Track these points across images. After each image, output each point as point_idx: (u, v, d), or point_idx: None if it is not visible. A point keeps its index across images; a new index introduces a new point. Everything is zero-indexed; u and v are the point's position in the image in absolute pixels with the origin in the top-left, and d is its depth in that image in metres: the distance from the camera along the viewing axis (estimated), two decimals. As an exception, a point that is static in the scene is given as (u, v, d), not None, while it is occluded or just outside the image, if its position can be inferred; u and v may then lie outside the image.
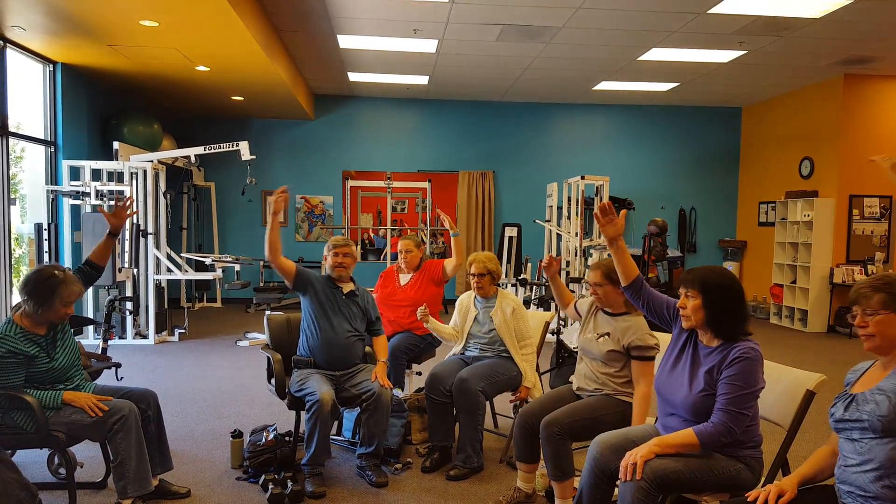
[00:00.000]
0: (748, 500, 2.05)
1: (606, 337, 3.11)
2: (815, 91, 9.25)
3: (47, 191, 7.19)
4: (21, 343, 2.88)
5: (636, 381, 3.03)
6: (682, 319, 2.48)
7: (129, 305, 7.15)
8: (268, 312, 4.01)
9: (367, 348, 3.96)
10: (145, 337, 7.40)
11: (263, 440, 3.68)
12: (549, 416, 2.96)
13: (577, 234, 8.03)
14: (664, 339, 3.26)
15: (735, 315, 2.37)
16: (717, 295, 2.37)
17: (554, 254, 3.39)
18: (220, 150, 7.43)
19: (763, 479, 2.40)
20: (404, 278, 4.61)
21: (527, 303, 7.63)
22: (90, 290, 7.28)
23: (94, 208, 7.12)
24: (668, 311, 2.64)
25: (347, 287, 3.83)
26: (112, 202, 7.05)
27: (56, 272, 2.93)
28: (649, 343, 3.02)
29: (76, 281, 2.99)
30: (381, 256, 10.49)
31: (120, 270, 6.94)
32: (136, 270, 7.27)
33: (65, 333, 3.10)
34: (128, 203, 3.39)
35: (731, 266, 10.70)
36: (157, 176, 7.70)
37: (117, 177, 7.60)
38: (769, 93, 9.89)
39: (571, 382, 3.30)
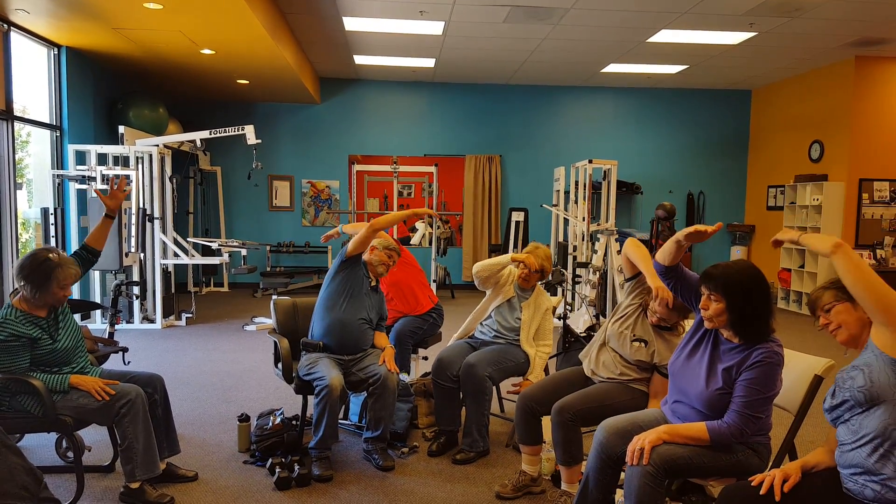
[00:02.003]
0: (752, 484, 2.05)
1: (642, 345, 3.02)
2: (826, 73, 9.14)
3: (53, 175, 7.19)
4: (23, 326, 2.88)
5: (655, 394, 3.00)
6: (704, 320, 2.41)
7: (135, 290, 7.17)
8: (274, 297, 4.00)
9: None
10: (152, 321, 7.43)
11: (270, 424, 3.69)
12: (561, 401, 2.94)
13: (584, 218, 7.99)
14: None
15: (759, 318, 2.30)
16: (741, 299, 2.29)
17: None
18: (225, 134, 7.41)
19: (770, 464, 2.39)
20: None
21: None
22: (97, 275, 7.32)
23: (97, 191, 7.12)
24: (696, 297, 2.54)
25: (374, 281, 3.89)
26: (105, 186, 7.03)
27: (51, 255, 2.90)
28: None
29: (72, 263, 2.97)
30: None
31: (126, 255, 6.96)
32: (142, 255, 7.29)
33: (66, 315, 3.09)
34: (124, 185, 3.36)
35: (738, 251, 10.65)
36: (162, 160, 7.69)
37: (123, 161, 7.60)
38: (779, 75, 9.78)
39: (580, 363, 3.26)
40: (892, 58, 8.61)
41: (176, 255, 7.60)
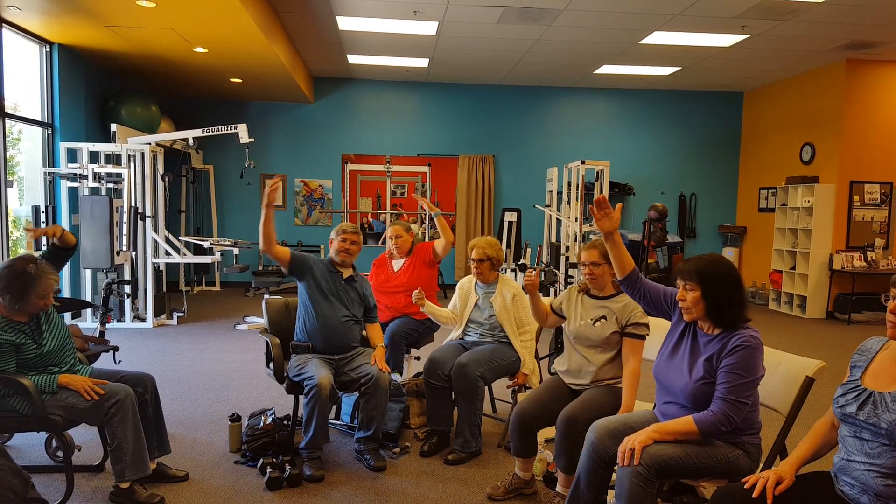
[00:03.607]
0: (745, 486, 2.04)
1: (604, 320, 3.06)
2: (817, 76, 9.18)
3: (44, 173, 7.14)
4: (4, 333, 2.85)
5: (626, 358, 3.00)
6: (682, 312, 2.45)
7: (127, 288, 7.14)
8: (266, 296, 3.99)
9: (365, 333, 3.95)
10: (144, 320, 7.40)
11: (262, 424, 3.68)
12: (569, 412, 2.87)
13: (577, 219, 8.01)
14: (655, 323, 3.26)
15: (734, 303, 2.35)
16: (715, 285, 2.35)
17: (534, 268, 3.33)
18: (218, 133, 7.38)
19: (761, 466, 2.40)
20: (397, 264, 4.60)
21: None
22: (88, 273, 7.28)
23: (92, 191, 7.10)
24: (665, 301, 2.62)
25: (347, 272, 3.82)
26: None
27: (28, 267, 2.85)
28: (644, 321, 3.03)
29: (51, 272, 2.92)
30: (381, 241, 10.46)
31: (118, 253, 6.92)
32: (133, 253, 7.25)
33: (50, 316, 3.05)
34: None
35: (730, 252, 10.69)
36: (155, 158, 7.66)
37: (115, 159, 7.56)
38: (771, 78, 9.82)
39: (555, 374, 3.27)
40: (882, 61, 8.67)
41: (167, 253, 7.57)
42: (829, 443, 2.14)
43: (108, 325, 6.61)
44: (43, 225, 6.71)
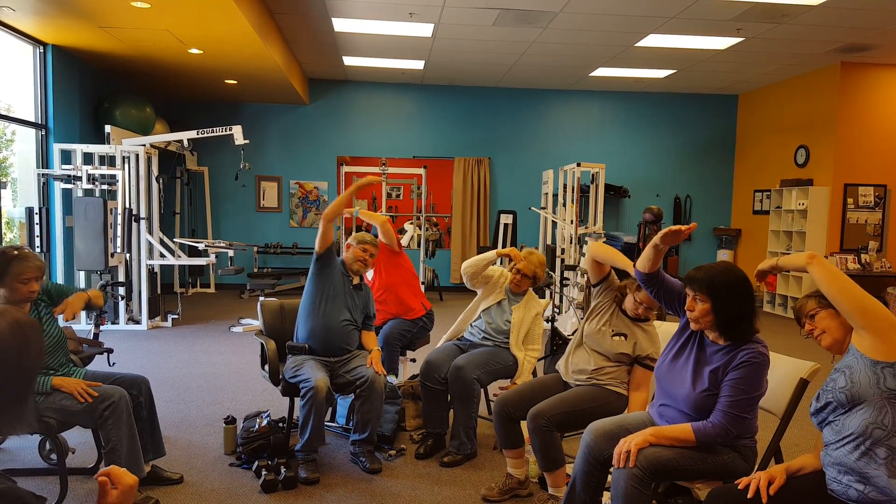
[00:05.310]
0: (738, 487, 2.06)
1: (622, 338, 3.07)
2: (812, 79, 9.22)
3: (38, 174, 7.12)
4: None
5: (637, 386, 3.04)
6: (689, 322, 2.44)
7: (121, 290, 7.12)
8: (261, 298, 3.98)
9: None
10: (138, 322, 7.37)
11: (257, 426, 3.67)
12: (536, 407, 2.94)
13: (572, 221, 8.01)
14: (660, 328, 3.26)
15: (744, 316, 2.33)
16: (726, 298, 2.32)
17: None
18: (213, 135, 7.37)
19: (756, 468, 2.41)
20: (370, 273, 4.60)
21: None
22: (81, 275, 7.25)
23: (86, 192, 7.08)
24: (678, 302, 2.59)
25: (356, 279, 3.86)
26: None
27: (8, 250, 2.85)
28: (658, 356, 3.01)
29: (35, 258, 2.90)
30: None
31: (112, 255, 6.90)
32: (128, 255, 7.23)
33: (43, 316, 3.04)
34: None
35: (725, 254, 10.72)
36: (149, 160, 7.63)
37: (109, 161, 7.54)
38: (766, 80, 9.86)
39: (557, 370, 3.29)
40: (876, 64, 8.71)
41: (162, 255, 7.54)
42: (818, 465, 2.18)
43: (102, 328, 6.59)
44: (37, 227, 6.68)
